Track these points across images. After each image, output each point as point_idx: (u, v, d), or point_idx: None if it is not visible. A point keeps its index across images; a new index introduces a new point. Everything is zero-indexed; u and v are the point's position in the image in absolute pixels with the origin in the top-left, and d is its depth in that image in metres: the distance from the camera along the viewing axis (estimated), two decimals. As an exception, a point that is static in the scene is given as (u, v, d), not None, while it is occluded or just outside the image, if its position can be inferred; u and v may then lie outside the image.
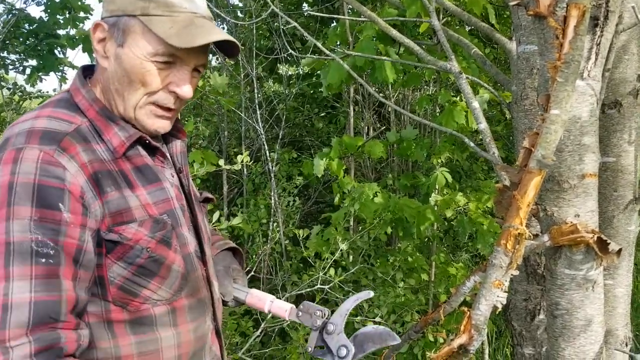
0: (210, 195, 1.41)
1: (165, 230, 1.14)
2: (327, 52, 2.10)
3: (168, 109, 1.17)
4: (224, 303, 1.44)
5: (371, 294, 1.47)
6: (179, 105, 1.19)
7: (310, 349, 1.33)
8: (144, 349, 1.11)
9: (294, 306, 1.40)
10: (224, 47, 1.18)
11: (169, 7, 1.09)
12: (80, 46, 5.13)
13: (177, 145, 1.30)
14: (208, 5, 1.22)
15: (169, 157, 1.26)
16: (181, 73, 1.13)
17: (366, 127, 5.42)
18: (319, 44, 2.23)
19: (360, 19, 2.75)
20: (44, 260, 0.97)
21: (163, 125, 1.18)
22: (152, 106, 1.15)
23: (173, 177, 1.24)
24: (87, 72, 1.22)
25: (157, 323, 1.14)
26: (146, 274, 1.11)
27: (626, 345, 1.86)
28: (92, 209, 1.05)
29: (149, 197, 1.14)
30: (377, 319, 3.48)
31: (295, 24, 2.19)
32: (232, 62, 5.25)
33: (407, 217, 3.39)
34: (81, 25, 5.13)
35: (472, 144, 1.69)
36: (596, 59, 1.32)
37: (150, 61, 1.10)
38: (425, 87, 5.35)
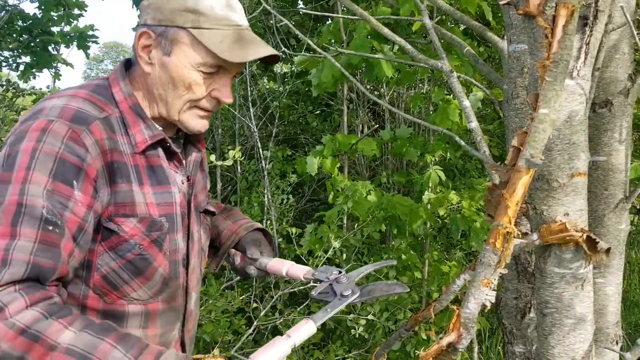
0: (212, 208, 1.43)
1: (161, 232, 1.17)
2: (319, 50, 2.10)
3: (208, 110, 1.23)
4: (246, 274, 1.45)
5: (394, 262, 1.48)
6: (217, 108, 1.25)
7: (314, 292, 1.31)
8: None
9: (311, 268, 1.40)
10: (265, 57, 1.21)
11: (218, 20, 1.14)
12: (75, 43, 5.11)
13: (193, 154, 1.34)
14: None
15: (185, 163, 1.30)
16: (224, 81, 1.19)
17: (360, 125, 5.42)
18: (312, 43, 2.22)
19: (353, 17, 2.75)
20: (51, 228, 1.01)
21: (204, 124, 1.24)
22: (195, 109, 1.21)
23: (183, 183, 1.28)
24: (128, 64, 1.26)
25: (128, 321, 1.17)
26: (132, 271, 1.14)
27: (617, 343, 1.87)
28: (101, 193, 1.09)
29: (154, 197, 1.18)
30: (370, 317, 3.49)
31: (287, 22, 2.19)
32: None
33: (400, 214, 3.39)
34: (75, 22, 5.11)
35: (463, 143, 1.69)
36: (585, 58, 1.32)
37: (197, 70, 1.15)
38: (420, 85, 5.36)
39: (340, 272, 1.34)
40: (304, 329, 1.16)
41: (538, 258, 1.50)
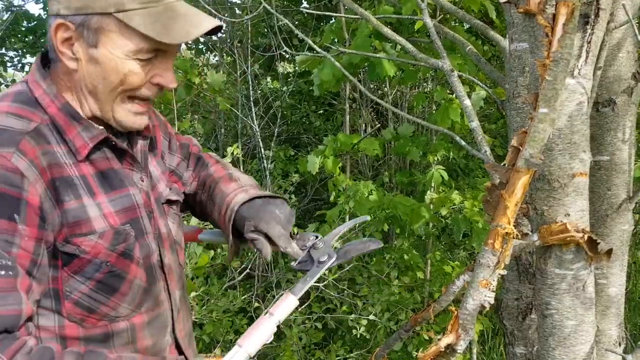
0: (174, 197, 1.27)
1: (128, 242, 1.07)
2: (320, 50, 2.09)
3: (147, 101, 1.09)
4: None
5: (367, 217, 1.44)
6: (157, 96, 1.12)
7: (294, 263, 1.26)
8: None
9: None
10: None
11: None
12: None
13: (139, 143, 1.19)
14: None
15: (138, 159, 1.17)
16: (164, 64, 1.05)
17: (364, 125, 5.41)
18: (312, 43, 2.21)
19: (355, 16, 2.74)
20: (3, 272, 0.91)
21: (142, 122, 1.11)
22: (130, 103, 1.06)
23: (143, 181, 1.15)
24: (44, 60, 1.09)
25: (115, 341, 1.08)
26: (105, 290, 1.05)
27: (619, 345, 1.85)
28: (50, 219, 0.97)
29: (111, 205, 1.06)
30: (371, 317, 3.48)
31: (287, 21, 2.18)
32: (229, 60, 5.23)
33: (401, 214, 3.38)
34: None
35: (463, 143, 1.68)
36: (587, 57, 1.31)
37: (133, 59, 1.01)
38: (423, 84, 5.34)
39: (316, 237, 1.30)
40: (286, 304, 1.16)
41: (538, 259, 1.48)
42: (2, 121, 0.98)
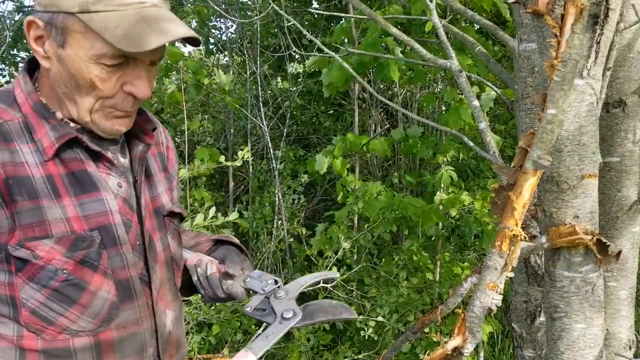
0: (177, 210, 1.21)
1: (89, 249, 0.98)
2: (328, 50, 2.09)
3: (126, 112, 1.03)
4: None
5: (337, 274, 1.34)
6: (138, 105, 1.06)
7: (249, 309, 1.16)
8: None
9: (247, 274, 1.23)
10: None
11: (111, 0, 0.92)
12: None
13: (139, 149, 1.12)
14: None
15: (123, 162, 1.10)
16: (136, 71, 0.98)
17: (373, 125, 5.40)
18: (319, 43, 2.21)
19: (364, 17, 2.73)
20: None
21: (123, 124, 1.04)
22: (109, 108, 1.01)
23: (120, 187, 1.06)
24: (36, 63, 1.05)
25: (77, 358, 0.99)
26: (63, 300, 0.97)
27: (630, 349, 1.83)
28: None
29: (79, 208, 0.98)
30: (379, 318, 3.47)
31: (295, 22, 2.18)
32: (239, 60, 5.25)
33: (411, 215, 3.37)
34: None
35: (471, 144, 1.67)
36: (596, 58, 1.29)
37: (97, 63, 0.95)
38: (433, 84, 5.32)
39: (276, 283, 1.19)
40: None
41: (547, 261, 1.47)
42: None
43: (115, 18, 0.92)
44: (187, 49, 5.22)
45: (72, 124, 1.02)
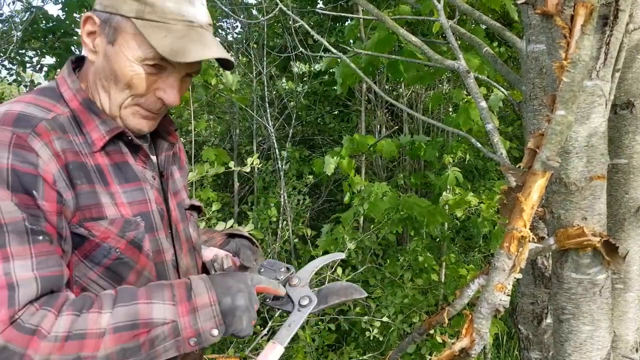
0: (197, 203, 1.33)
1: (137, 231, 1.09)
2: (335, 51, 2.09)
3: (152, 113, 1.13)
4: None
5: (342, 255, 1.42)
6: (165, 110, 1.17)
7: (268, 300, 1.24)
8: None
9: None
10: (220, 58, 1.13)
11: (165, 14, 1.05)
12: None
13: (164, 147, 1.25)
14: (215, 8, 1.18)
15: (152, 158, 1.21)
16: (170, 80, 1.10)
17: (378, 126, 5.40)
18: (327, 44, 2.21)
19: (371, 17, 2.73)
20: (40, 237, 0.97)
21: (147, 125, 1.15)
22: (137, 107, 1.11)
23: (155, 179, 1.19)
24: (79, 62, 1.18)
25: None
26: (113, 278, 1.08)
27: (636, 351, 1.82)
28: (66, 197, 1.02)
29: (124, 196, 1.10)
30: (385, 319, 3.46)
31: (302, 22, 2.18)
32: (245, 60, 5.26)
33: (417, 215, 3.37)
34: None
35: (478, 144, 1.66)
36: (605, 59, 1.29)
37: (139, 64, 1.06)
38: (439, 85, 5.31)
39: (289, 271, 1.26)
40: (273, 355, 1.13)
41: (555, 263, 1.46)
42: (23, 109, 1.04)
43: (164, 29, 1.04)
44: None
45: (113, 120, 1.12)
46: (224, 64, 1.16)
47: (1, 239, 0.94)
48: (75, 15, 5.08)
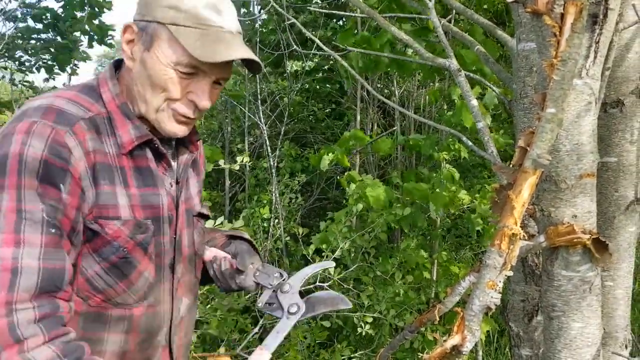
0: (206, 212, 1.40)
1: (146, 234, 1.16)
2: (328, 50, 2.08)
3: (186, 116, 1.19)
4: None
5: (333, 264, 1.50)
6: (199, 115, 1.22)
7: (260, 304, 1.33)
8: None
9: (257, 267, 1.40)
10: (247, 62, 1.19)
11: (199, 20, 1.11)
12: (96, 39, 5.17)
13: (185, 156, 1.31)
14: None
15: (173, 166, 1.27)
16: (202, 84, 1.16)
17: (370, 123, 5.40)
18: (322, 44, 2.21)
19: (364, 15, 2.73)
20: (53, 230, 1.02)
21: (182, 130, 1.20)
22: (173, 111, 1.17)
23: (172, 186, 1.25)
24: (118, 66, 1.24)
25: (111, 325, 1.16)
26: (116, 274, 1.13)
27: (626, 348, 1.84)
28: (87, 194, 1.08)
29: (140, 199, 1.16)
30: (376, 315, 3.47)
31: (295, 20, 2.17)
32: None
33: (418, 199, 3.38)
34: (96, 21, 5.16)
35: (470, 143, 1.67)
36: (595, 58, 1.30)
37: (173, 69, 1.12)
38: (430, 84, 5.32)
39: (282, 277, 1.35)
40: None
41: (545, 260, 1.47)
42: (64, 105, 1.11)
43: (197, 34, 1.11)
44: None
45: (145, 126, 1.19)
46: (252, 67, 1.21)
47: (18, 224, 1.00)
48: (76, 12, 5.05)
